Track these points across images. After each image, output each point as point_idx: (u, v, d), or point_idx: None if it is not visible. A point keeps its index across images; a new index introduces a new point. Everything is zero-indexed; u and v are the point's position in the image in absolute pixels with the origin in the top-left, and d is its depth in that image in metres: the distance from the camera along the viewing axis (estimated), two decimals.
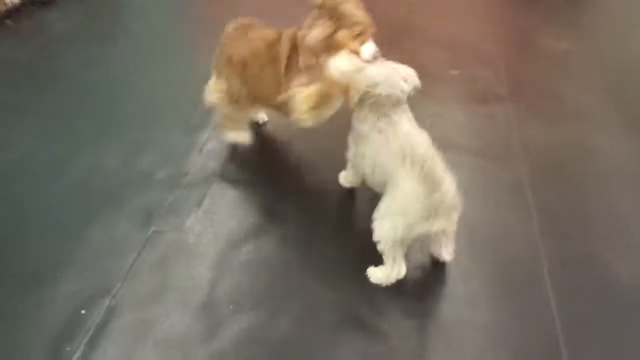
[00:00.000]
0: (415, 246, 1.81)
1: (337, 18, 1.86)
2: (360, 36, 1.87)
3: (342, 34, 1.87)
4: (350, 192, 2.12)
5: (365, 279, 1.77)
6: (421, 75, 1.77)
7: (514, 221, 2.02)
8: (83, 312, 1.68)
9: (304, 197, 2.15)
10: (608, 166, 2.30)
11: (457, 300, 1.74)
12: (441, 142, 1.79)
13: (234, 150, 2.35)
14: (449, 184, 1.59)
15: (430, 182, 1.56)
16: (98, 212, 2.04)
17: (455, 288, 1.78)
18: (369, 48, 1.88)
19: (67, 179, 2.21)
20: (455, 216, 1.66)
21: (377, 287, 1.75)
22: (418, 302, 1.74)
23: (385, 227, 1.65)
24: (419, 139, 1.66)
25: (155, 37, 3.42)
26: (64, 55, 3.14)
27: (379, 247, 1.71)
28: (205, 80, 2.27)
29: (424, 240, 1.78)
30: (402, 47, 3.18)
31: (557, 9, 3.65)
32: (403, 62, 2.93)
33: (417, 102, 1.77)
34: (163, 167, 2.26)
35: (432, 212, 1.58)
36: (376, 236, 1.70)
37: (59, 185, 2.18)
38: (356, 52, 1.87)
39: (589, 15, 3.63)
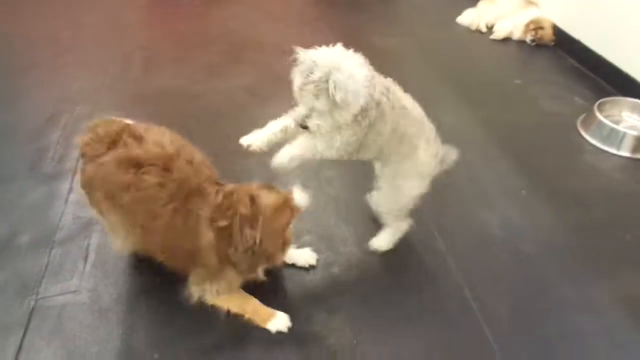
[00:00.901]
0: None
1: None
2: None
3: None
4: None
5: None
6: (276, 84, 1.79)
7: None
8: None
9: None
10: (456, 132, 2.60)
11: None
12: None
13: None
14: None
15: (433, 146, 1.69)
16: None
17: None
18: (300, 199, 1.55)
19: None
20: None
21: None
22: None
23: (410, 188, 1.70)
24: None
25: None
26: None
27: (393, 214, 1.81)
28: (45, 119, 2.01)
29: None
30: (253, 60, 3.24)
31: (378, 11, 4.05)
32: (257, 74, 3.03)
33: (279, 109, 1.74)
34: (25, 229, 1.96)
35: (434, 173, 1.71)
36: (394, 202, 1.76)
37: None
38: None
39: (403, 13, 4.08)
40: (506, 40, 3.54)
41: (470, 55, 3.42)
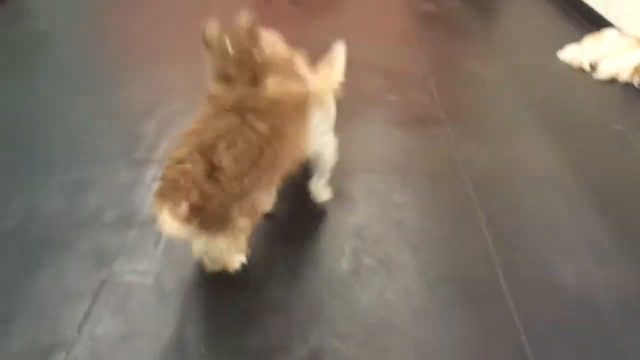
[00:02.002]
0: None
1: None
2: None
3: None
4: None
5: None
6: (361, 100, 1.83)
7: (467, 236, 2.13)
8: None
9: (272, 225, 2.12)
10: (539, 176, 2.49)
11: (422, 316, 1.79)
12: (389, 164, 1.82)
13: None
14: None
15: None
16: (41, 260, 1.88)
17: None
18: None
19: (2, 226, 2.03)
20: None
21: None
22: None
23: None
24: None
25: (80, 65, 3.27)
26: None
27: (330, 165, 2.10)
28: (144, 109, 2.18)
29: None
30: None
31: (478, 36, 3.95)
32: (343, 90, 3.02)
33: (361, 125, 1.81)
34: (110, 207, 2.14)
35: None
36: (330, 155, 2.07)
37: None
38: None
39: (504, 41, 3.95)
40: (611, 81, 3.31)
41: (567, 93, 3.23)
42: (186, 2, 4.21)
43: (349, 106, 2.94)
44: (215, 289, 1.81)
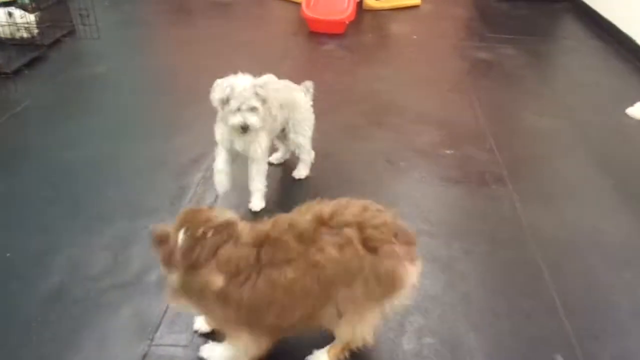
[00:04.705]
0: None
1: None
2: None
3: None
4: None
5: None
6: (415, 154, 1.69)
7: (538, 308, 1.92)
8: None
9: None
10: (618, 246, 2.25)
11: None
12: (450, 227, 1.63)
13: None
14: None
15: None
16: (83, 328, 1.78)
17: None
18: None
19: (45, 283, 1.95)
20: None
21: None
22: None
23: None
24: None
25: (132, 112, 3.27)
26: (34, 133, 2.94)
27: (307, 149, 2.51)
28: (192, 158, 2.11)
29: None
30: (389, 124, 3.16)
31: (533, 88, 3.77)
32: (391, 139, 2.95)
33: (416, 182, 1.67)
34: (154, 266, 2.03)
35: None
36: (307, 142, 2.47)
37: (36, 291, 1.91)
38: None
39: (562, 94, 3.74)
40: None
41: (639, 153, 3.00)
42: (251, 53, 4.22)
43: (404, 160, 2.81)
44: None
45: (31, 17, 3.76)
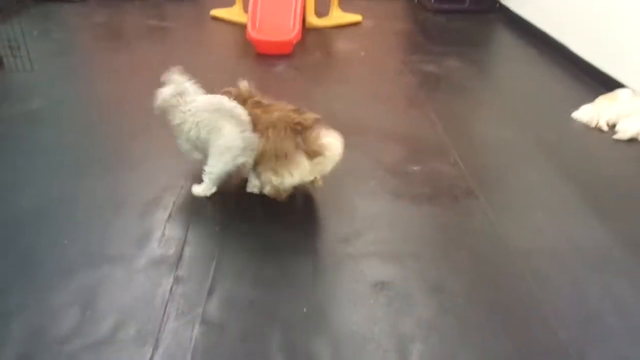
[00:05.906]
0: None
1: None
2: None
3: None
4: None
5: None
6: (384, 172, 1.66)
7: (531, 320, 1.91)
8: None
9: None
10: (596, 254, 2.31)
11: None
12: (432, 247, 1.59)
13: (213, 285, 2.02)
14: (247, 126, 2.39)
15: (240, 124, 2.36)
16: None
17: None
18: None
19: (5, 357, 1.71)
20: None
21: None
22: None
23: (221, 162, 2.39)
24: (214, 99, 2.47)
25: (75, 149, 2.99)
26: None
27: (210, 177, 2.47)
28: (151, 196, 1.96)
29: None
30: (353, 144, 3.09)
31: (484, 99, 3.87)
32: (358, 158, 2.95)
33: (389, 203, 1.61)
34: (130, 320, 1.85)
35: (246, 145, 2.36)
36: (210, 170, 2.45)
37: None
38: None
39: (512, 103, 3.86)
40: (632, 140, 3.24)
41: (594, 156, 3.12)
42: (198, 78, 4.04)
43: (374, 178, 2.77)
44: None
45: None
